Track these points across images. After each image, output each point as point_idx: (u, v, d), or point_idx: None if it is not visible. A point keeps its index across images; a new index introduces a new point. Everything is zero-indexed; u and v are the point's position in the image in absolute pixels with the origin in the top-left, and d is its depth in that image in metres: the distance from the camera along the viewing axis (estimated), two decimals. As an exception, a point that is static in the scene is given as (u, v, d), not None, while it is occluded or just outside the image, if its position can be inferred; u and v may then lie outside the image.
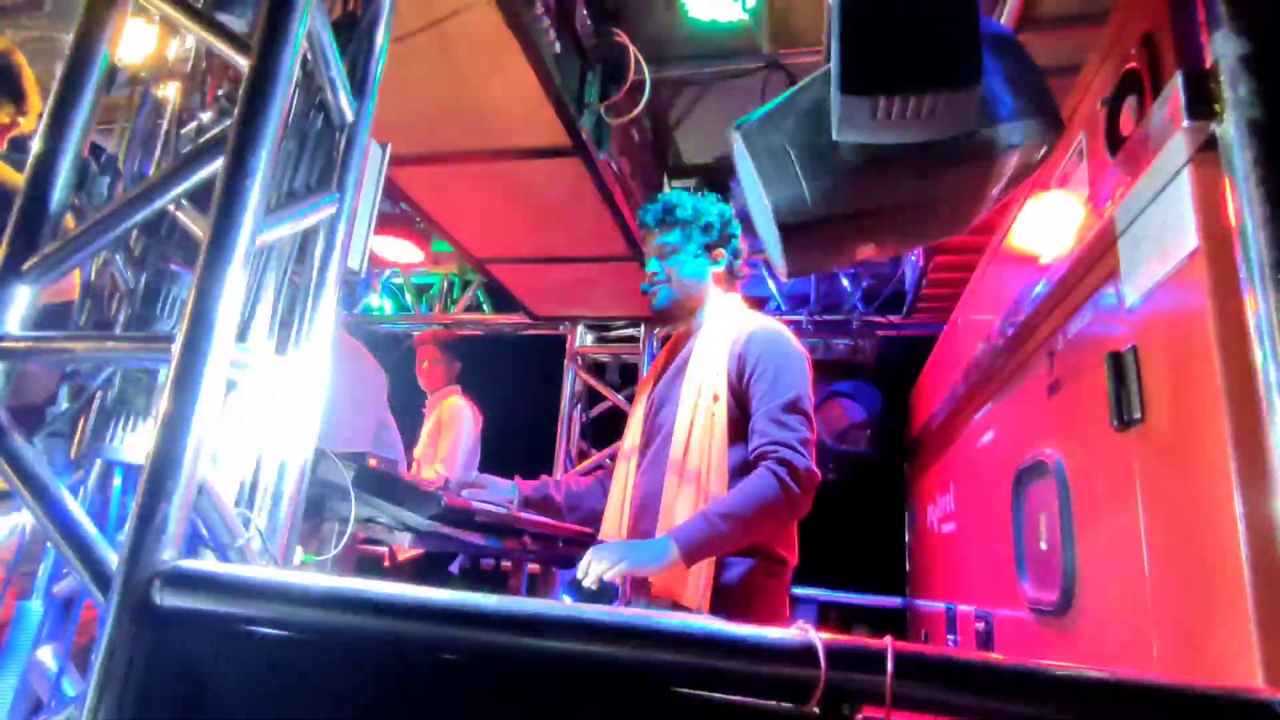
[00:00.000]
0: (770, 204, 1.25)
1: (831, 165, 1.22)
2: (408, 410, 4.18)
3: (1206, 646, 0.98)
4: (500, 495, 2.51)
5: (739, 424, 1.58)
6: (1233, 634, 0.91)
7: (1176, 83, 0.94)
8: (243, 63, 1.33)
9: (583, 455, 5.01)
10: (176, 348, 1.09)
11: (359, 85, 1.54)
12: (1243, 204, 0.84)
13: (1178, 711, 0.71)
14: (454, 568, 3.45)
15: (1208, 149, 0.94)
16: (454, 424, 3.68)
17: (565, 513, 2.24)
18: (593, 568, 1.47)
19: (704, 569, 1.48)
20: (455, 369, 3.85)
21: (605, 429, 5.08)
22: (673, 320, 1.77)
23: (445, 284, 5.57)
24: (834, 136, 1.13)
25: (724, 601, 1.47)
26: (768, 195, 1.25)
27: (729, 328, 1.65)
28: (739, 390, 1.59)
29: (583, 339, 5.14)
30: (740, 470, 1.54)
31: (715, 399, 1.59)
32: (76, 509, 1.11)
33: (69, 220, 1.36)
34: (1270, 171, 0.83)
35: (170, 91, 1.60)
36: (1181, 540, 1.05)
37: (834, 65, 1.06)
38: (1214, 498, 0.94)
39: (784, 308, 5.02)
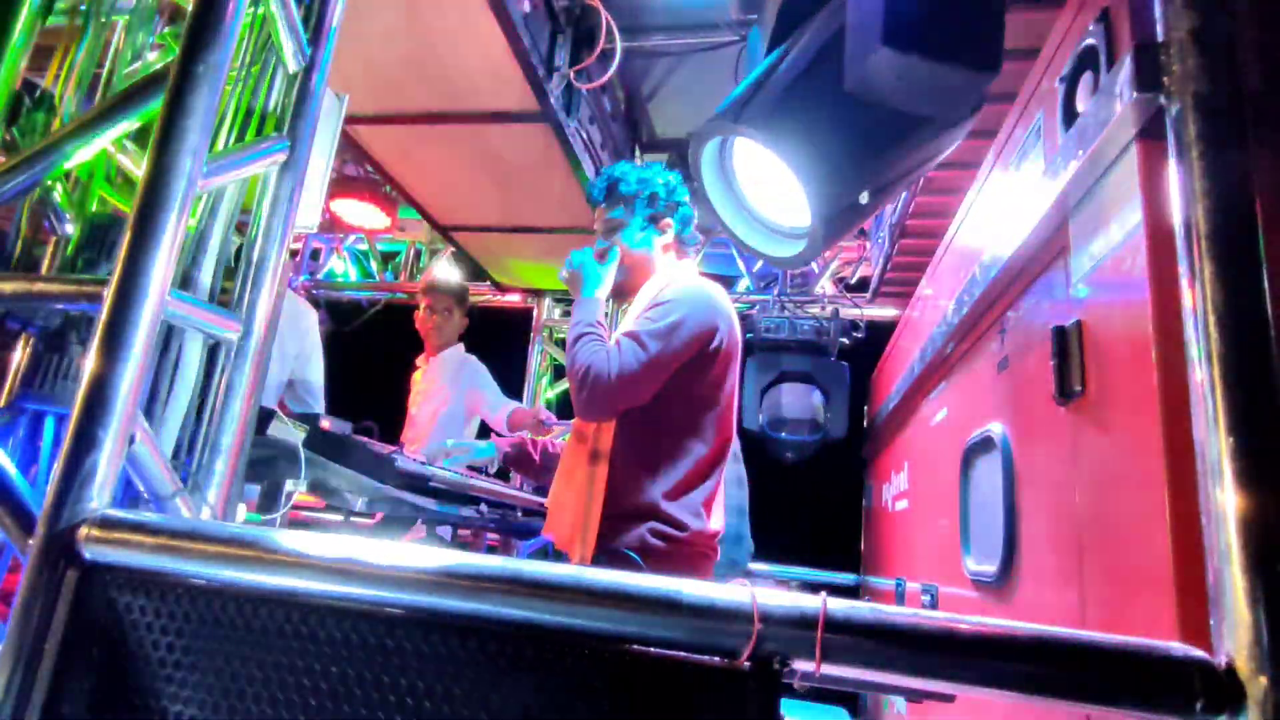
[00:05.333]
0: (814, 189, 1.17)
1: (867, 141, 1.17)
2: (369, 376, 4.11)
3: (1131, 612, 1.01)
4: (481, 456, 2.48)
5: None
6: (1155, 600, 0.94)
7: (1128, 57, 0.95)
8: (188, -3, 1.27)
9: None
10: (109, 292, 1.05)
11: (315, 31, 1.48)
12: (1184, 179, 0.85)
13: (1093, 664, 0.73)
14: (415, 534, 3.41)
15: (1156, 123, 0.96)
16: (481, 387, 3.33)
17: (541, 471, 2.24)
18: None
19: (588, 526, 1.51)
20: (464, 326, 3.41)
21: (571, 404, 5.06)
22: (624, 295, 1.77)
23: (412, 251, 5.48)
24: (845, 86, 1.09)
25: (611, 561, 1.48)
26: (807, 181, 1.15)
27: (656, 289, 1.64)
28: None
29: (550, 312, 5.11)
30: (651, 422, 1.55)
31: None
32: (0, 455, 1.07)
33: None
34: (1212, 145, 0.84)
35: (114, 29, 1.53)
36: (1112, 510, 1.08)
37: (864, 15, 1.03)
38: (1143, 468, 0.97)
39: (753, 287, 5.05)
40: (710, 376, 1.59)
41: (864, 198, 1.20)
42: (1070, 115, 1.20)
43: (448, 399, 3.34)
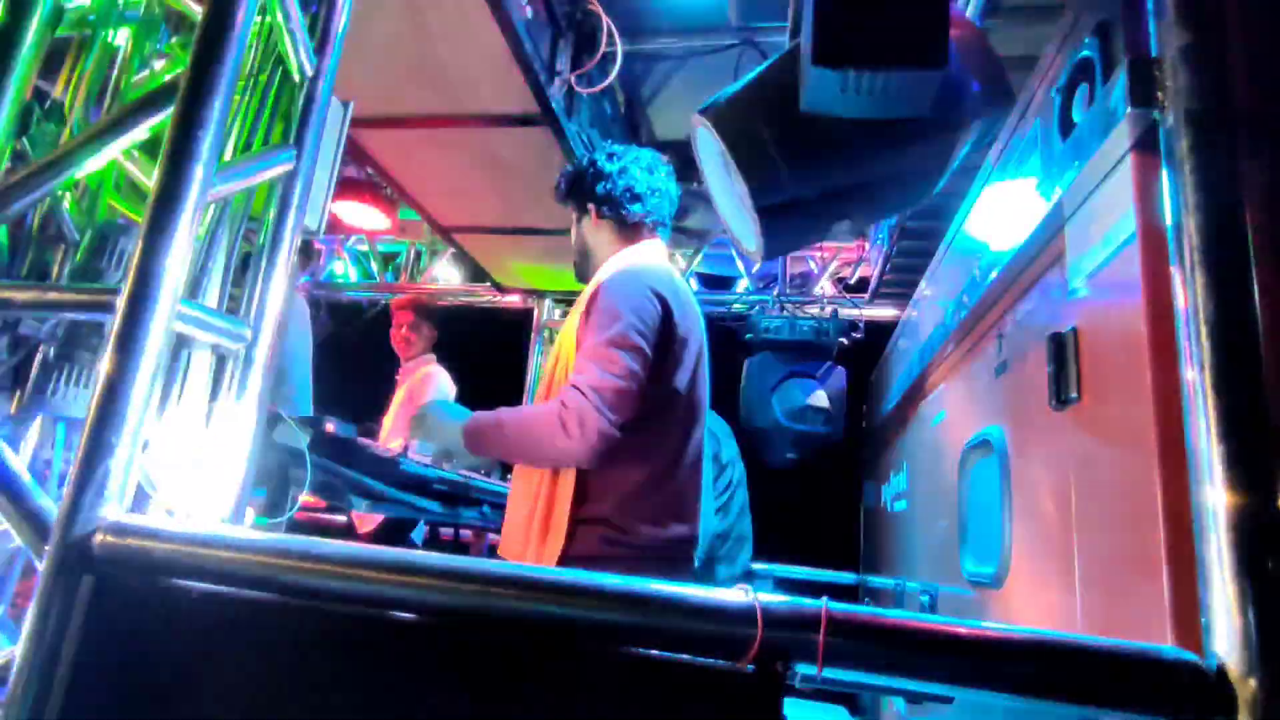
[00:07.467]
0: (747, 187, 1.23)
1: (807, 144, 1.21)
2: (371, 378, 4.13)
3: (1125, 614, 1.03)
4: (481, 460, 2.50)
5: None
6: (1148, 603, 0.96)
7: (1123, 71, 0.97)
8: (197, 8, 1.29)
9: (547, 429, 5.00)
10: (121, 301, 1.07)
11: (320, 39, 1.50)
12: (1177, 190, 0.87)
13: (1087, 667, 0.75)
14: (416, 537, 3.45)
15: (1149, 137, 0.98)
16: (425, 393, 3.63)
17: None
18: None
19: (542, 538, 1.45)
20: (432, 337, 3.74)
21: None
22: (585, 284, 1.72)
23: (413, 252, 5.49)
24: (800, 108, 1.13)
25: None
26: (744, 178, 1.22)
27: (597, 281, 1.59)
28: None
29: (550, 313, 5.12)
30: None
31: (563, 356, 1.56)
32: (15, 461, 1.09)
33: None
34: (1204, 158, 0.86)
35: (122, 38, 1.54)
36: (1107, 514, 1.10)
37: (805, 37, 1.06)
38: (1138, 475, 0.99)
39: (753, 288, 5.07)
40: (661, 371, 1.49)
41: (805, 190, 1.25)
42: (1066, 126, 1.22)
43: (394, 407, 3.67)
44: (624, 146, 1.77)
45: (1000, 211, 1.68)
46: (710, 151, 1.45)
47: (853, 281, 4.85)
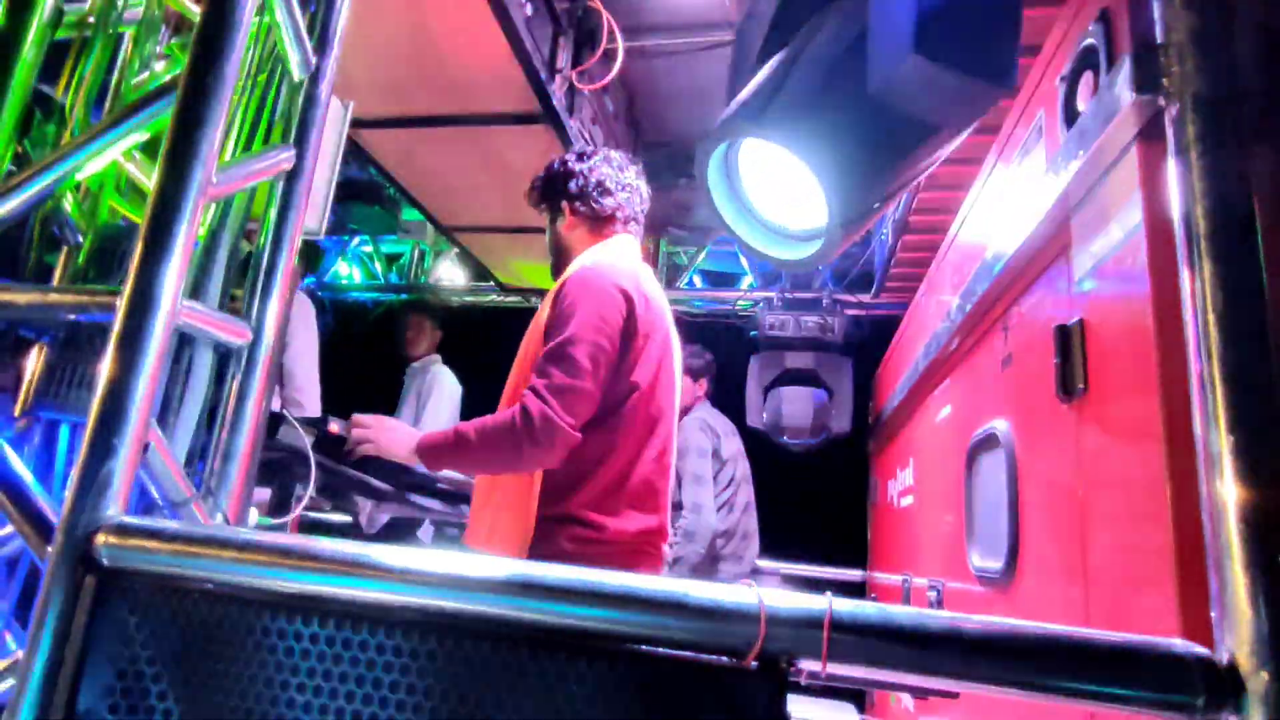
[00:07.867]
0: (837, 193, 1.17)
1: (885, 152, 1.17)
2: (376, 378, 4.15)
3: (1134, 608, 1.02)
4: None
5: None
6: (1158, 596, 0.95)
7: (1127, 58, 0.95)
8: (196, 8, 1.28)
9: (551, 428, 5.00)
10: (122, 302, 1.07)
11: (320, 38, 1.50)
12: (1183, 178, 0.86)
13: (1095, 662, 0.74)
14: (423, 534, 3.46)
15: (1155, 124, 0.96)
16: (434, 392, 3.66)
17: None
18: (355, 434, 1.61)
19: (507, 537, 1.44)
20: (437, 337, 3.82)
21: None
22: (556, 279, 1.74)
23: (416, 253, 5.50)
24: (869, 88, 1.09)
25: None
26: (831, 185, 1.14)
27: (563, 278, 1.60)
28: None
29: (554, 312, 5.12)
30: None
31: (529, 352, 1.57)
32: (17, 462, 1.09)
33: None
34: (1211, 146, 0.85)
35: (122, 39, 1.54)
36: (1115, 507, 1.09)
37: (891, 23, 1.03)
38: (1145, 465, 0.98)
39: (757, 285, 5.05)
40: (623, 366, 1.49)
41: (876, 203, 1.21)
42: (1071, 115, 1.21)
43: (401, 408, 3.74)
44: (593, 148, 1.81)
45: (1004, 203, 1.67)
46: (718, 161, 1.40)
47: (856, 277, 4.83)
